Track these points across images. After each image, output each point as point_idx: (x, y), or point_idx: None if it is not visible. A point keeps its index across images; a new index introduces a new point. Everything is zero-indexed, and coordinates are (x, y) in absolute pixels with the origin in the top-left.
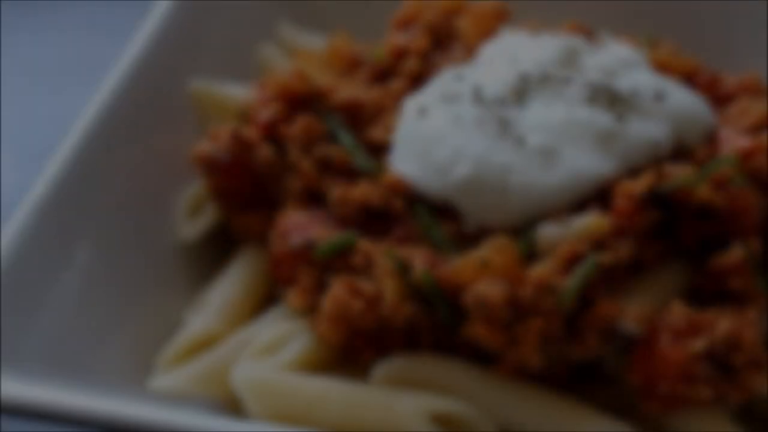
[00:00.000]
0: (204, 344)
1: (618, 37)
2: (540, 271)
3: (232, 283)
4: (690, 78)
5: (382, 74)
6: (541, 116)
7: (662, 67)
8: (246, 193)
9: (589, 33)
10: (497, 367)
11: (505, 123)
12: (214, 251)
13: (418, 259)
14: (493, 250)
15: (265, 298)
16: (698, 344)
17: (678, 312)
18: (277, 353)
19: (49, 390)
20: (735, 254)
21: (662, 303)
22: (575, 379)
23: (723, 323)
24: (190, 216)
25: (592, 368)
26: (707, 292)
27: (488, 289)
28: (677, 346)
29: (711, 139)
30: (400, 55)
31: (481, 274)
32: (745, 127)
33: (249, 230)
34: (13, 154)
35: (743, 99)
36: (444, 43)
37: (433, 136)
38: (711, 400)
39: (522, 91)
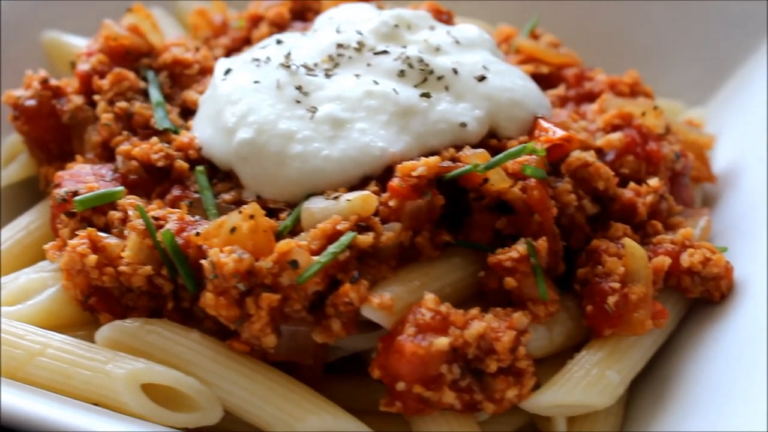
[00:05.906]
0: None
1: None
2: (285, 244)
3: (13, 232)
4: (559, 72)
5: (242, 41)
6: (344, 86)
7: (531, 58)
8: (52, 144)
9: (443, 13)
10: (232, 343)
11: (304, 90)
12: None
13: (172, 221)
14: (243, 217)
15: None
16: (440, 342)
17: (428, 306)
18: (19, 303)
19: None
20: (515, 252)
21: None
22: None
23: (477, 324)
24: (6, 164)
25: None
26: (493, 292)
27: (221, 256)
28: (417, 341)
29: (531, 129)
30: (256, 23)
31: (226, 242)
32: (598, 127)
33: (49, 181)
34: None
35: (607, 98)
36: (307, 15)
37: (228, 98)
38: (460, 409)
39: (335, 59)
